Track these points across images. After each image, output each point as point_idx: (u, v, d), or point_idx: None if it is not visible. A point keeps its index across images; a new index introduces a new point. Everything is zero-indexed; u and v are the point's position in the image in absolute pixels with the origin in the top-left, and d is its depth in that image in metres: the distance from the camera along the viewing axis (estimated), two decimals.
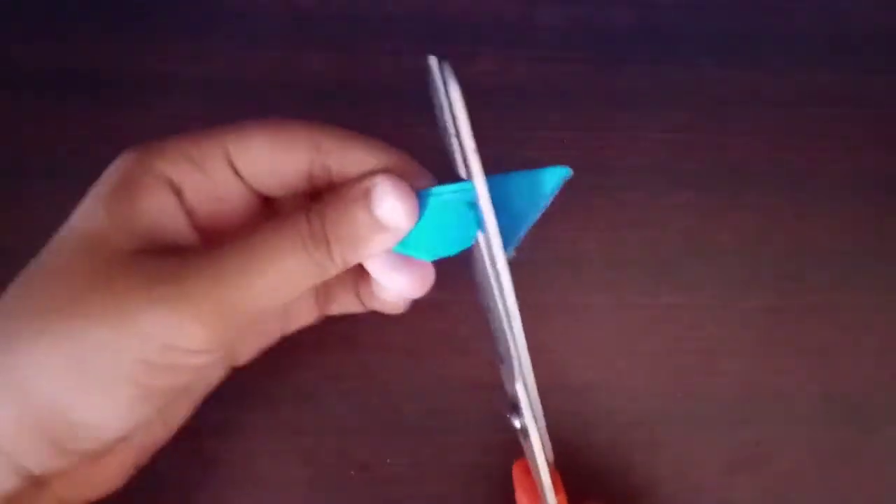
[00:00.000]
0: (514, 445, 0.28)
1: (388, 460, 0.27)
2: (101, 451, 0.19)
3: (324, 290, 0.24)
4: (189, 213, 0.20)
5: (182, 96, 0.30)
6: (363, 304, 0.24)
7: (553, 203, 0.30)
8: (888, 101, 0.32)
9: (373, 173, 0.19)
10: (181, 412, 0.23)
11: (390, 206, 0.18)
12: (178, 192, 0.19)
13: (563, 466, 0.28)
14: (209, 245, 0.19)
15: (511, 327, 0.19)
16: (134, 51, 0.30)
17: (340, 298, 0.24)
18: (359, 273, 0.23)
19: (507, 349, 0.20)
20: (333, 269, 0.19)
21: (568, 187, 0.31)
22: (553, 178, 0.21)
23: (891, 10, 0.33)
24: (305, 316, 0.25)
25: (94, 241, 0.18)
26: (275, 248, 0.18)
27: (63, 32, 0.31)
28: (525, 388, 0.21)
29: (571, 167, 0.31)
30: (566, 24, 0.32)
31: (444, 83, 0.18)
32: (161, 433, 0.22)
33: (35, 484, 0.18)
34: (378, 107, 0.31)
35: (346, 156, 0.20)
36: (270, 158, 0.20)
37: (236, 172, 0.20)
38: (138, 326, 0.17)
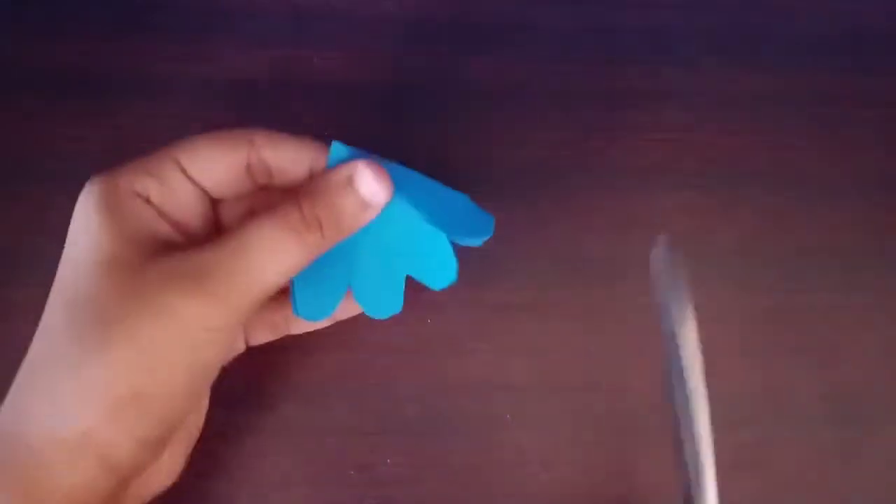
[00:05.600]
0: (514, 446, 0.28)
1: (388, 460, 0.27)
2: (170, 433, 0.22)
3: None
4: (162, 216, 0.22)
5: (183, 96, 0.30)
6: (284, 329, 0.27)
7: (553, 203, 0.31)
8: (889, 100, 0.32)
9: (353, 165, 0.22)
10: (207, 395, 0.25)
11: (373, 185, 0.22)
12: (147, 201, 0.22)
13: (564, 466, 0.28)
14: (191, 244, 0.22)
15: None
16: (134, 51, 0.31)
17: (261, 329, 0.27)
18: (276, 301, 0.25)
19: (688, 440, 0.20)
20: (325, 248, 0.22)
21: (568, 187, 0.31)
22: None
23: (891, 10, 0.33)
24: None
25: (106, 261, 0.20)
26: (272, 238, 0.21)
27: (63, 32, 0.31)
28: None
29: (571, 167, 0.31)
30: (566, 24, 0.32)
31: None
32: (197, 420, 0.25)
33: (121, 482, 0.21)
34: (378, 106, 0.31)
35: (278, 148, 0.23)
36: (212, 157, 0.23)
37: (189, 179, 0.23)
38: (175, 315, 0.20)
